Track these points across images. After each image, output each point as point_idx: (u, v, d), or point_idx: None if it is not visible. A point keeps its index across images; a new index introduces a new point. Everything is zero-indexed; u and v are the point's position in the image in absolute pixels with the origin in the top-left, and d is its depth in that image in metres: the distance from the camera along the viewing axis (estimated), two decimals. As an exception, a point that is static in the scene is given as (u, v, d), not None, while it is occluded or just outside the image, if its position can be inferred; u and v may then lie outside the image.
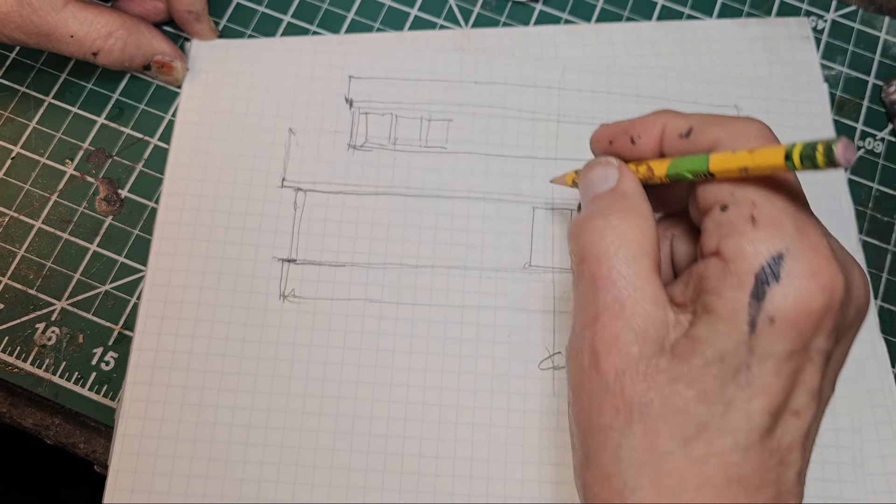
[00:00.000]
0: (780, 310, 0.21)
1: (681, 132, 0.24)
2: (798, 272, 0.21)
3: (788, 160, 0.20)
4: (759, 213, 0.21)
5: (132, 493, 0.30)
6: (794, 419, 0.21)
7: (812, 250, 0.21)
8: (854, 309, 0.22)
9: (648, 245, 0.23)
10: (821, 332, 0.21)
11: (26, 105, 0.36)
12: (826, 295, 0.21)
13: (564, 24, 0.38)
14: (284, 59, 0.36)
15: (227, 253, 0.33)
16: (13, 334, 0.32)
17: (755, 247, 0.21)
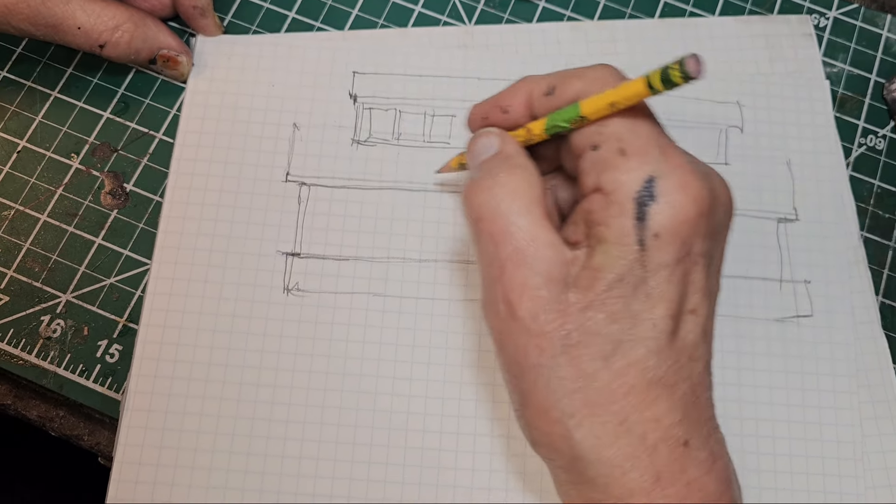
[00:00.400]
0: (662, 224, 0.23)
1: (544, 91, 0.26)
2: (669, 189, 0.23)
3: (650, 86, 0.23)
4: (627, 145, 0.24)
5: (136, 484, 0.30)
6: (692, 317, 0.24)
7: (678, 168, 0.24)
8: (722, 209, 0.25)
9: (536, 196, 0.25)
10: (698, 236, 0.24)
11: (32, 99, 0.36)
12: (696, 203, 0.23)
13: (567, 20, 0.38)
14: (289, 54, 0.37)
15: (231, 247, 0.34)
16: (18, 326, 0.32)
17: (629, 175, 0.24)
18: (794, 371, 0.33)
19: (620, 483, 0.23)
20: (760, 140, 0.36)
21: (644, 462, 0.23)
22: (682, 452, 0.23)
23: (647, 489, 0.23)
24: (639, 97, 0.23)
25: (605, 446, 0.23)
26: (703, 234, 0.24)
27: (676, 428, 0.23)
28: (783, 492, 0.31)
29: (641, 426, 0.23)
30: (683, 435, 0.24)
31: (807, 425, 0.32)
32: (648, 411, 0.23)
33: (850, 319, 0.34)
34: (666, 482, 0.23)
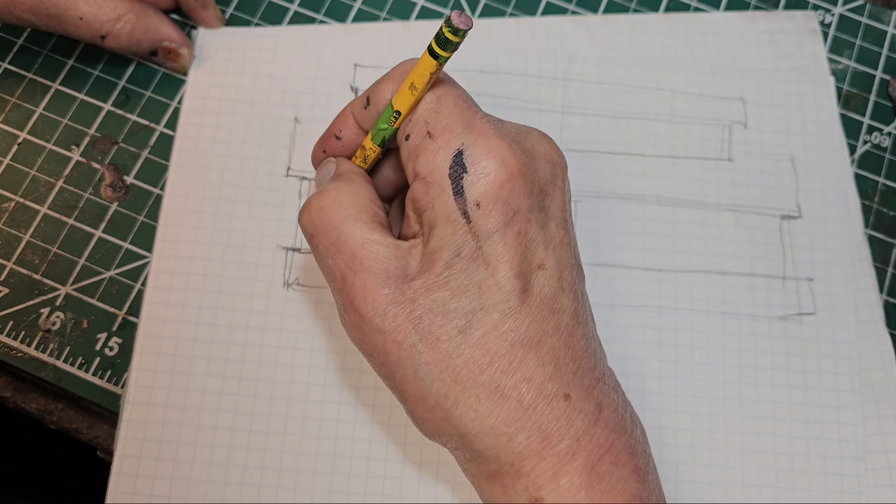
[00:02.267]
0: (480, 192, 0.24)
1: (363, 105, 0.28)
2: (478, 158, 0.24)
3: (432, 54, 0.24)
4: (433, 126, 0.25)
5: (136, 478, 0.30)
6: (542, 272, 0.24)
7: (483, 136, 0.24)
8: (546, 164, 0.26)
9: (363, 203, 0.26)
10: (520, 194, 0.24)
11: (33, 91, 0.36)
12: (506, 165, 0.24)
13: (571, 14, 0.38)
14: (290, 47, 0.36)
15: (231, 241, 0.33)
16: (18, 319, 0.32)
17: (439, 154, 0.24)
18: (797, 369, 0.33)
19: (509, 449, 0.23)
20: (764, 136, 0.36)
21: (527, 424, 0.23)
22: (564, 407, 0.24)
23: (536, 450, 0.23)
24: (430, 68, 0.24)
25: (484, 417, 0.23)
26: (525, 192, 0.24)
27: (551, 383, 0.24)
28: (784, 490, 0.31)
29: (515, 389, 0.23)
30: (561, 389, 0.24)
31: (809, 423, 0.32)
32: (518, 373, 0.23)
33: (854, 317, 0.34)
34: (554, 439, 0.23)
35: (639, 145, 0.36)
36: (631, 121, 0.36)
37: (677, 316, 0.33)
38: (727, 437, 0.32)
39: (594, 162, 0.35)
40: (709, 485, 0.31)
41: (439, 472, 0.31)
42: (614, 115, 0.36)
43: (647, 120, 0.36)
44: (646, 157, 0.36)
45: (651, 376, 0.32)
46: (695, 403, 0.32)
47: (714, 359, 0.33)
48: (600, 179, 0.35)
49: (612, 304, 0.33)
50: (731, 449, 0.32)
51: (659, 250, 0.34)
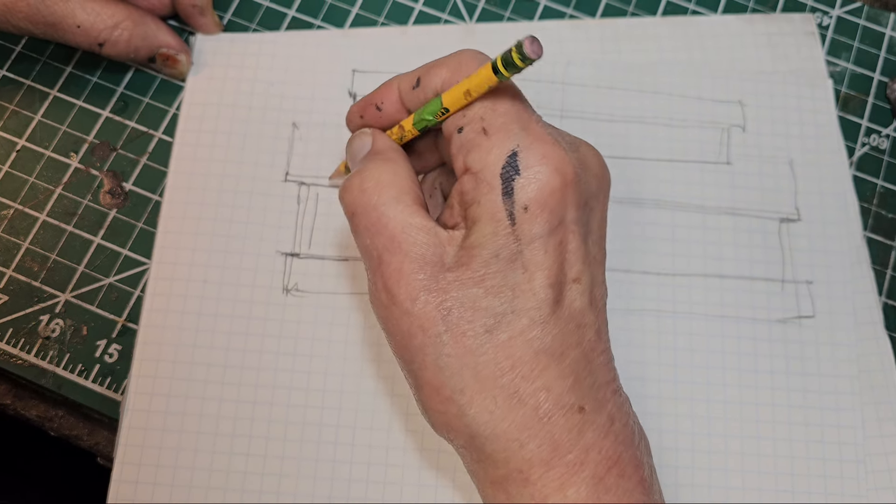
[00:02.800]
0: (529, 197, 0.24)
1: (412, 85, 0.27)
2: (532, 162, 0.24)
3: (496, 71, 0.23)
4: (489, 124, 0.24)
5: (137, 484, 0.30)
6: (576, 286, 0.25)
7: (539, 141, 0.24)
8: (594, 178, 0.26)
9: (405, 185, 0.26)
10: (569, 205, 0.24)
11: (31, 98, 0.36)
12: (560, 174, 0.24)
13: (569, 19, 0.38)
14: (288, 53, 0.36)
15: (230, 247, 0.33)
16: (17, 326, 0.32)
17: (492, 152, 0.24)
18: (796, 372, 0.33)
19: (519, 456, 0.23)
20: (763, 139, 0.36)
21: (540, 432, 0.23)
22: (578, 419, 0.24)
23: (545, 458, 0.23)
24: (489, 82, 0.24)
25: (498, 420, 0.23)
26: (574, 203, 0.24)
27: (568, 395, 0.24)
28: (784, 493, 0.31)
29: (533, 397, 0.23)
30: (577, 401, 0.24)
31: (808, 427, 0.32)
32: (538, 381, 0.23)
33: (853, 320, 0.34)
34: (564, 449, 0.23)
35: (637, 149, 0.36)
36: (629, 124, 0.36)
37: (676, 319, 0.33)
38: (727, 440, 0.32)
39: (593, 166, 0.35)
40: (708, 488, 0.31)
41: (439, 477, 0.31)
42: (612, 119, 0.36)
43: (645, 123, 0.36)
44: (644, 161, 0.36)
45: (650, 380, 0.32)
46: (694, 407, 0.32)
47: (713, 362, 0.33)
48: (599, 183, 0.35)
49: (612, 308, 0.33)
50: (731, 452, 0.32)
51: (658, 254, 0.34)
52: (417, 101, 0.27)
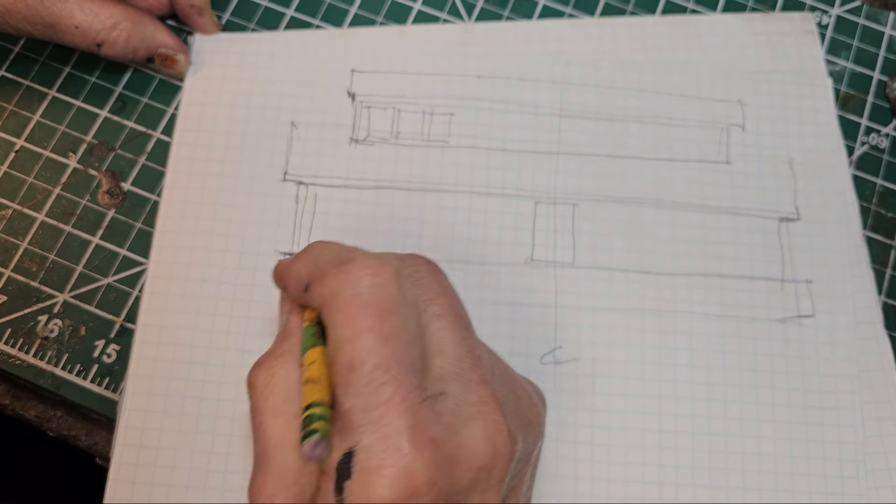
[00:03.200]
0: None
1: (302, 287, 0.25)
2: (366, 468, 0.21)
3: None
4: (338, 401, 0.22)
5: (134, 485, 0.30)
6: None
7: (384, 440, 0.21)
8: (468, 469, 0.22)
9: (293, 390, 0.23)
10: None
11: (30, 98, 0.36)
12: (397, 486, 0.20)
13: (568, 18, 0.38)
14: (287, 52, 0.36)
15: (229, 246, 0.33)
16: (16, 326, 0.32)
17: (336, 440, 0.21)
18: (796, 371, 0.33)
19: None
20: (762, 139, 0.36)
21: None
22: None
23: None
24: None
25: None
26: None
27: None
28: (784, 493, 0.31)
29: None
30: None
31: (808, 426, 0.32)
32: None
33: (852, 319, 0.33)
34: None
35: (636, 148, 0.36)
36: (629, 124, 0.36)
37: (676, 319, 0.33)
38: (726, 439, 0.32)
39: (592, 165, 0.35)
40: (709, 488, 0.31)
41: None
42: (612, 119, 0.36)
43: (644, 123, 0.36)
44: (643, 161, 0.36)
45: (650, 379, 0.32)
46: (694, 406, 0.32)
47: (713, 362, 0.33)
48: (598, 183, 0.35)
49: (611, 308, 0.33)
50: (731, 451, 0.32)
51: (657, 253, 0.34)
52: (304, 302, 0.25)
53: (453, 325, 0.23)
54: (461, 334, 0.23)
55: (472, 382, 0.23)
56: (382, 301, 0.22)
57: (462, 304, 0.25)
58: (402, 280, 0.23)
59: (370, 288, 0.23)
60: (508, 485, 0.23)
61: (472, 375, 0.23)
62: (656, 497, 0.31)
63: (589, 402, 0.32)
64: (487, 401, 0.22)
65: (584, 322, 0.33)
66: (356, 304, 0.22)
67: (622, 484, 0.31)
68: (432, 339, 0.23)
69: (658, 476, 0.31)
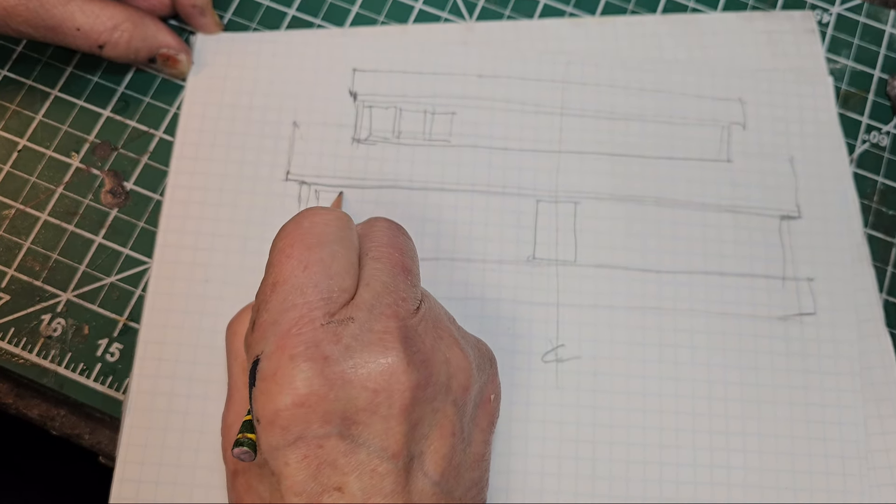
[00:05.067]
0: (260, 411, 0.23)
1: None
2: (265, 375, 0.23)
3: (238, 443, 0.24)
4: (257, 315, 0.25)
5: (139, 483, 0.30)
6: (340, 494, 0.23)
7: (280, 351, 0.23)
8: (362, 390, 0.23)
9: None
10: (308, 423, 0.23)
11: (33, 98, 0.36)
12: (289, 392, 0.23)
13: (569, 17, 0.38)
14: (288, 52, 0.36)
15: (231, 246, 0.33)
16: (19, 325, 0.32)
17: (250, 348, 0.24)
18: (797, 369, 0.33)
19: None
20: (763, 137, 0.36)
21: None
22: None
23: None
24: None
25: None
26: (316, 420, 0.23)
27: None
28: (786, 491, 0.31)
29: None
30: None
31: (810, 424, 0.32)
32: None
33: (854, 317, 0.33)
34: None
35: (638, 147, 0.36)
36: (630, 122, 0.36)
37: (677, 317, 0.33)
38: (728, 437, 0.32)
39: (593, 164, 0.35)
40: (710, 486, 0.31)
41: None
42: (613, 117, 0.36)
43: (645, 121, 0.36)
44: (645, 159, 0.36)
45: (651, 377, 0.32)
46: (695, 404, 0.32)
47: (714, 359, 0.33)
48: (599, 181, 0.35)
49: (612, 306, 0.33)
50: (732, 449, 0.32)
51: (659, 251, 0.34)
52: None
53: (386, 267, 0.26)
54: (390, 276, 0.25)
55: (382, 315, 0.24)
56: (316, 235, 0.25)
57: (412, 261, 0.27)
58: (348, 225, 0.27)
59: (311, 223, 0.26)
60: (427, 418, 0.25)
61: (385, 309, 0.24)
62: (657, 495, 0.31)
63: (590, 399, 0.32)
64: (392, 332, 0.24)
65: (586, 320, 0.33)
66: (293, 235, 0.25)
67: (623, 482, 0.31)
68: (364, 275, 0.25)
69: (659, 474, 0.31)
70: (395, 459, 0.24)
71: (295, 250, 0.25)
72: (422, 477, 0.24)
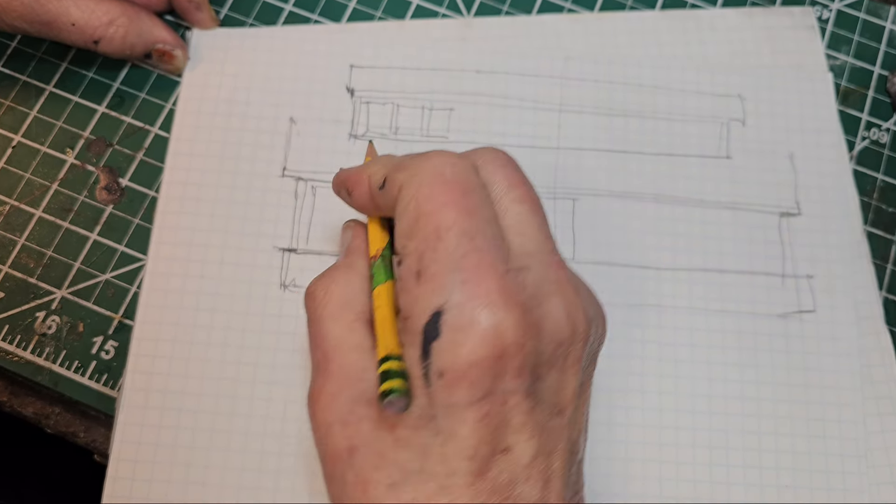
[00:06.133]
0: (446, 364, 0.21)
1: (379, 184, 0.25)
2: (457, 325, 0.21)
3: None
4: (424, 267, 0.22)
5: (132, 481, 0.30)
6: (503, 457, 0.21)
7: (473, 300, 0.21)
8: (550, 343, 0.22)
9: (352, 297, 0.24)
10: (501, 376, 0.21)
11: (27, 94, 0.35)
12: (488, 343, 0.21)
13: (567, 13, 0.38)
14: (285, 47, 0.36)
15: (227, 242, 0.33)
16: (13, 323, 0.32)
17: (419, 304, 0.21)
18: (797, 367, 0.33)
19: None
20: (763, 133, 0.36)
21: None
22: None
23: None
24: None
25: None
26: (512, 373, 0.21)
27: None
28: (786, 489, 0.31)
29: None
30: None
31: (810, 422, 0.32)
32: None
33: (854, 315, 0.33)
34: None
35: (636, 143, 0.36)
36: (629, 119, 0.36)
37: (676, 314, 0.33)
38: (727, 435, 0.32)
39: (592, 160, 0.35)
40: (710, 484, 0.31)
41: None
42: (612, 114, 0.36)
43: (644, 118, 0.36)
44: (644, 155, 0.35)
45: (650, 375, 0.32)
46: (694, 402, 0.32)
47: (714, 357, 0.33)
48: (598, 178, 0.35)
49: (611, 303, 0.33)
50: (732, 447, 0.32)
51: (657, 248, 0.34)
52: (383, 202, 0.25)
53: (532, 209, 0.24)
54: (540, 219, 0.24)
55: (551, 264, 0.23)
56: (463, 181, 0.23)
57: (538, 195, 0.25)
58: (479, 170, 0.24)
59: (452, 167, 0.23)
60: (584, 372, 0.23)
61: (551, 258, 0.23)
62: (657, 493, 0.31)
63: (589, 397, 0.32)
64: (565, 282, 0.23)
65: (585, 317, 0.33)
66: (439, 181, 0.23)
67: (622, 480, 0.31)
68: (511, 222, 0.23)
69: (658, 472, 0.31)
70: (563, 416, 0.23)
71: (451, 197, 0.22)
72: (577, 434, 0.23)
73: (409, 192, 0.23)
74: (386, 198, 0.24)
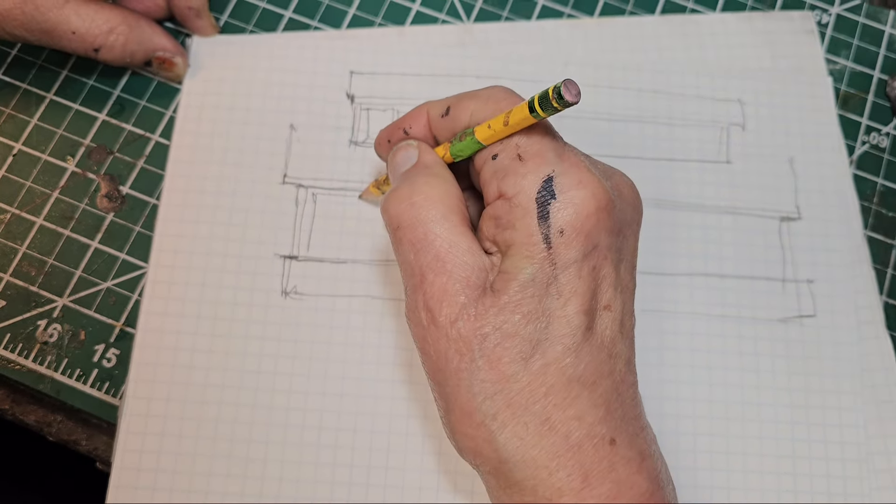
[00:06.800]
0: (565, 221, 0.24)
1: (441, 113, 0.27)
2: (568, 186, 0.24)
3: (533, 111, 0.23)
4: (524, 150, 0.25)
5: (135, 490, 0.30)
6: (607, 313, 0.25)
7: (574, 167, 0.24)
8: (628, 206, 0.26)
9: (454, 203, 0.26)
10: (603, 230, 0.24)
11: (28, 102, 0.36)
12: (595, 199, 0.24)
13: (567, 18, 0.38)
14: (285, 54, 0.36)
15: (228, 250, 0.33)
16: (15, 331, 0.32)
17: (528, 177, 0.24)
18: (798, 372, 0.33)
19: (548, 483, 0.23)
20: (762, 138, 0.36)
21: (570, 461, 0.23)
22: (608, 451, 0.23)
23: (576, 488, 0.23)
24: (524, 121, 0.24)
25: (529, 447, 0.23)
26: (608, 229, 0.24)
27: (600, 426, 0.24)
28: (787, 493, 0.31)
29: (564, 425, 0.23)
30: (608, 433, 0.24)
31: (810, 426, 0.32)
32: (570, 409, 0.23)
33: (854, 319, 0.33)
34: (595, 481, 0.23)
35: (637, 148, 0.36)
36: (629, 124, 0.36)
37: (677, 319, 0.33)
38: (728, 440, 0.32)
39: (592, 166, 0.35)
40: (710, 489, 0.31)
41: (440, 480, 0.31)
42: (611, 119, 0.36)
43: (644, 123, 0.36)
44: (644, 160, 0.35)
45: (651, 380, 0.32)
46: (695, 407, 0.32)
47: (714, 362, 0.33)
48: (598, 183, 0.35)
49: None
50: (733, 452, 0.32)
51: (658, 253, 0.34)
52: (445, 129, 0.27)
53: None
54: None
55: (601, 160, 0.27)
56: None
57: None
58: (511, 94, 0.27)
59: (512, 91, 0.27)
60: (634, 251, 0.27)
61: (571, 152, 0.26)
62: (658, 498, 0.31)
63: (590, 403, 0.32)
64: (616, 169, 0.27)
65: (585, 323, 0.33)
66: (510, 92, 0.26)
67: (624, 485, 0.31)
68: None
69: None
70: (634, 272, 0.26)
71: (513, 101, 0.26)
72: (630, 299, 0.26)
73: (486, 106, 0.26)
74: (451, 122, 0.27)
